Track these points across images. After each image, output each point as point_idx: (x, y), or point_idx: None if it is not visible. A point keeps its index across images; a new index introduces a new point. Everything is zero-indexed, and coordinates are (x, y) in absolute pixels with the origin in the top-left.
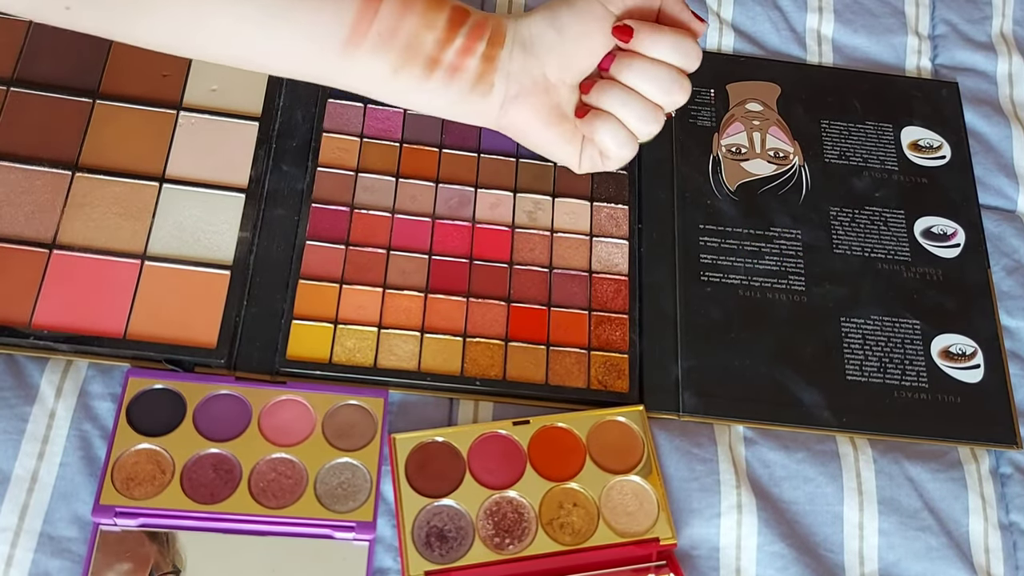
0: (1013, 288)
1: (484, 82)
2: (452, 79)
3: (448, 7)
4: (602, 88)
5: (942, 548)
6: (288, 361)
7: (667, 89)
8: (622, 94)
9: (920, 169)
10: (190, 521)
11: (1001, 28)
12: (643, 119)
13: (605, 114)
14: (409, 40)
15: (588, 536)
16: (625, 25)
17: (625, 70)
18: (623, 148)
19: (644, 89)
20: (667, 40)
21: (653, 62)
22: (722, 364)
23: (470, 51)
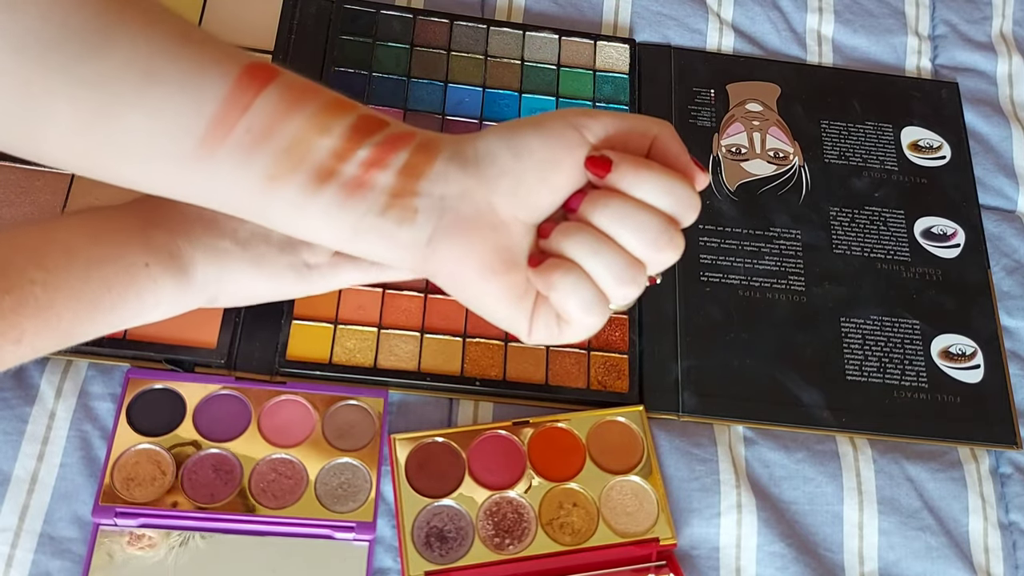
0: (1013, 288)
1: (401, 206)
2: (351, 197)
3: (355, 113)
4: (567, 231)
5: (942, 548)
6: (288, 361)
7: (652, 240)
8: (592, 241)
9: (920, 169)
10: (190, 521)
11: (1001, 28)
12: (618, 276)
13: (568, 264)
14: (290, 143)
15: (588, 536)
16: (602, 156)
17: (599, 210)
18: (588, 313)
19: (622, 238)
20: (656, 178)
21: (636, 204)
22: (722, 364)
23: (380, 164)
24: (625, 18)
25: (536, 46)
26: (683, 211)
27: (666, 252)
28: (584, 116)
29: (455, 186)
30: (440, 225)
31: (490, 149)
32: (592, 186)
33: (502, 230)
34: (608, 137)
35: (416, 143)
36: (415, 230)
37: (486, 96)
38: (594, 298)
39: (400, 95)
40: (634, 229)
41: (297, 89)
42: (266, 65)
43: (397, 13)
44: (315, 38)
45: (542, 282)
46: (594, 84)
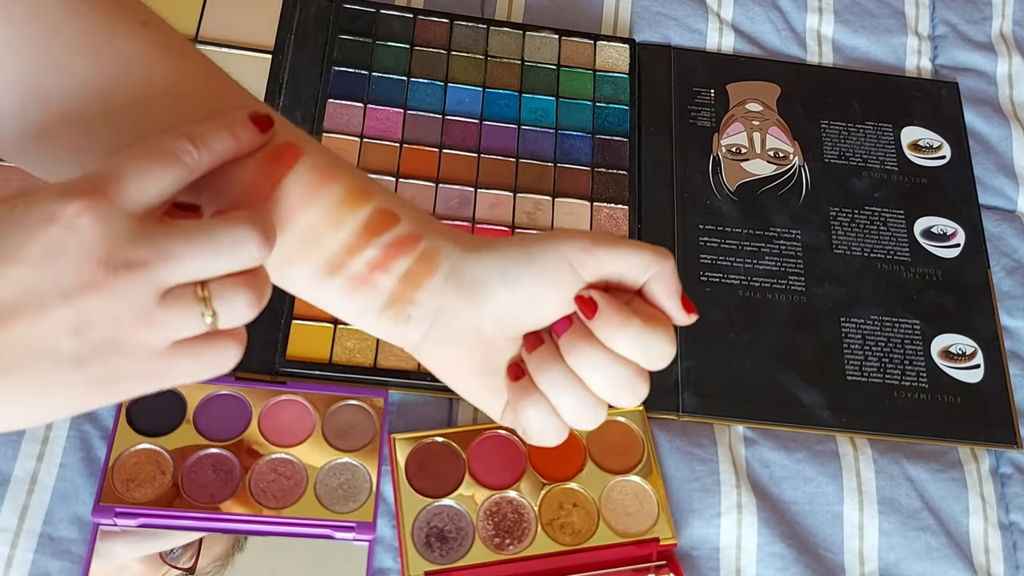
0: (1013, 288)
1: (398, 310)
2: (355, 292)
3: (371, 205)
4: (543, 363)
5: (942, 548)
6: (288, 361)
7: (617, 390)
8: (564, 379)
9: (920, 169)
10: (190, 521)
11: (1001, 28)
12: (579, 414)
13: (537, 394)
14: (305, 235)
15: (588, 536)
16: (591, 299)
17: (576, 355)
18: (547, 435)
19: (591, 381)
20: (633, 334)
21: (610, 355)
22: (722, 364)
23: (384, 267)
24: (625, 18)
25: (536, 46)
26: (654, 362)
27: (626, 400)
28: (583, 252)
29: (448, 304)
30: (429, 334)
31: (486, 276)
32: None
33: (486, 345)
34: (604, 276)
35: (420, 252)
36: (408, 331)
37: (486, 96)
38: (554, 425)
39: (400, 95)
40: (603, 378)
41: (318, 175)
42: (291, 147)
43: (397, 13)
44: (315, 38)
45: (514, 401)
46: (594, 84)
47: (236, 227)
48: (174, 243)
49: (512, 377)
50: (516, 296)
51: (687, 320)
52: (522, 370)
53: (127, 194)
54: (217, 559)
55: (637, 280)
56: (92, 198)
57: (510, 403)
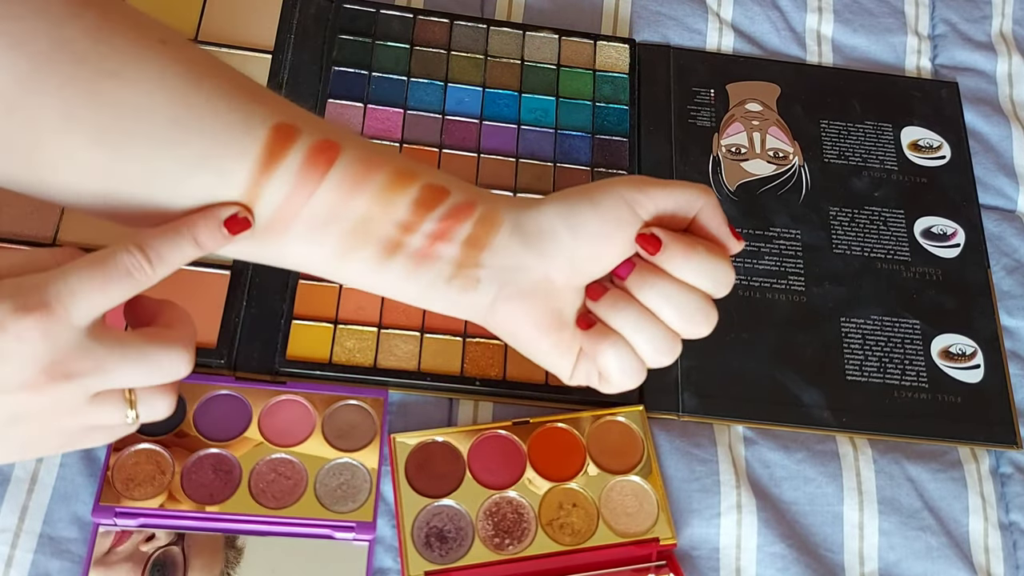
0: (1013, 288)
1: (465, 276)
2: (419, 267)
3: (418, 184)
4: (616, 304)
5: (942, 548)
6: (288, 361)
7: (691, 318)
8: (638, 316)
9: (920, 169)
10: (190, 521)
11: (1001, 28)
12: (658, 348)
13: (614, 335)
14: (356, 224)
15: (588, 536)
16: (653, 235)
17: (647, 289)
18: (629, 377)
19: (665, 314)
20: (700, 261)
21: (679, 284)
22: (722, 364)
23: (445, 236)
24: (625, 18)
25: (536, 46)
26: (720, 289)
27: (702, 327)
28: (637, 192)
29: (515, 259)
30: (500, 294)
31: (550, 224)
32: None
33: (555, 295)
34: (659, 215)
35: (479, 215)
36: (477, 296)
37: (486, 96)
38: (634, 365)
39: (400, 95)
40: (676, 308)
41: (361, 165)
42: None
43: (397, 13)
44: (315, 38)
45: (591, 347)
46: (594, 84)
47: (170, 350)
48: (111, 359)
49: (584, 326)
50: (582, 239)
51: (738, 247)
52: (592, 319)
53: (76, 311)
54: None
55: (688, 213)
56: (42, 314)
57: (585, 352)
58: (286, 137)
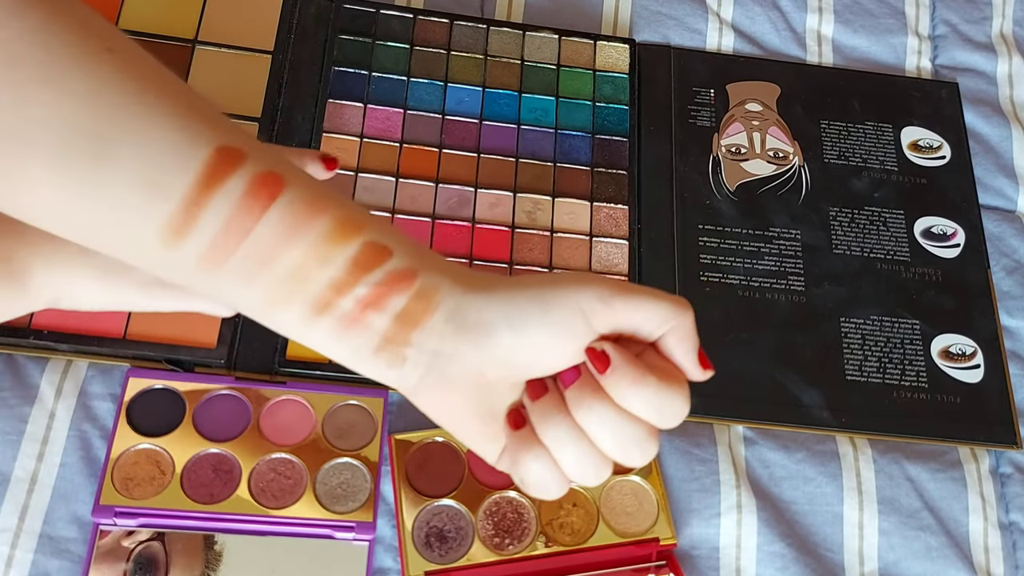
0: (1013, 288)
1: (392, 351)
2: (347, 332)
3: (360, 239)
4: (547, 415)
5: (942, 548)
6: (288, 361)
7: (625, 447)
8: (568, 434)
9: (920, 169)
10: (190, 521)
11: (1001, 28)
12: (584, 471)
13: (538, 446)
14: (289, 273)
15: (588, 536)
16: (603, 353)
17: (583, 409)
18: (546, 489)
19: (598, 437)
20: (648, 393)
21: (620, 412)
22: (722, 364)
23: (377, 305)
24: (625, 18)
25: (536, 46)
26: (667, 422)
27: (637, 459)
28: (599, 303)
29: (447, 346)
30: (427, 377)
31: (491, 319)
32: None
33: (486, 389)
34: (617, 328)
35: (417, 289)
36: (403, 375)
37: (486, 96)
38: (555, 481)
39: (400, 95)
40: (612, 435)
41: (304, 207)
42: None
43: (397, 13)
44: (315, 38)
45: (513, 452)
46: (594, 84)
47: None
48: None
49: (512, 425)
50: (523, 343)
51: (703, 377)
52: (523, 418)
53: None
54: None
55: (653, 333)
56: None
57: (508, 452)
58: (229, 161)
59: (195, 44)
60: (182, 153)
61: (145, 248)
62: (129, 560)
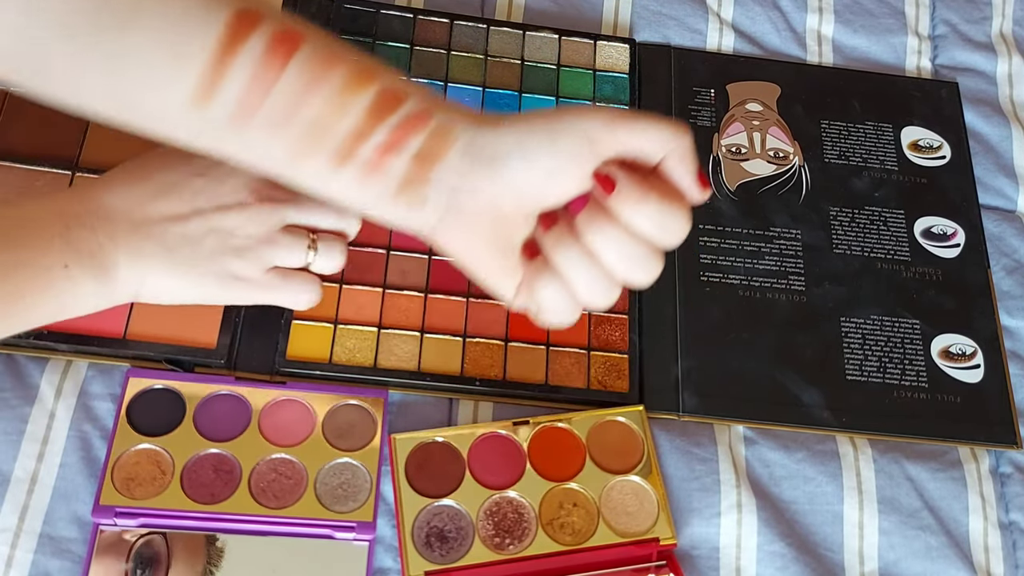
0: (1013, 288)
1: (412, 193)
2: (367, 179)
3: (374, 87)
4: (559, 242)
5: (942, 547)
6: (288, 361)
7: (631, 267)
8: (579, 256)
9: (920, 169)
10: (190, 521)
11: (1001, 28)
12: (594, 293)
13: (550, 275)
14: (311, 125)
15: (588, 536)
16: (608, 177)
17: (593, 234)
18: (561, 315)
19: (607, 258)
20: (651, 211)
21: (626, 232)
22: (722, 364)
23: (395, 149)
24: (625, 18)
25: (536, 46)
26: (670, 239)
27: (642, 277)
28: (603, 129)
29: (465, 180)
30: (446, 215)
31: (505, 150)
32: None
33: (502, 222)
34: (621, 154)
35: (432, 127)
36: (424, 215)
37: (486, 96)
38: (568, 305)
39: None
40: (619, 255)
41: (320, 60)
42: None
43: (397, 13)
44: None
45: (529, 280)
46: (594, 84)
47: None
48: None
49: (528, 256)
50: (534, 170)
51: (703, 197)
52: (537, 249)
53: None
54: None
55: (654, 156)
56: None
57: (525, 282)
58: (248, 22)
59: None
60: (203, 18)
61: (177, 113)
62: (130, 556)
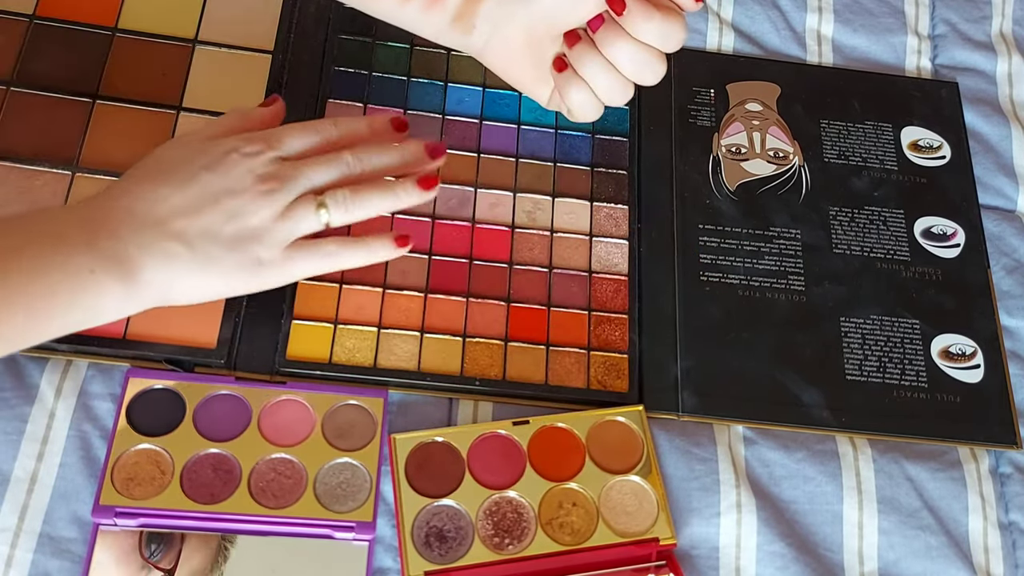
0: (1013, 288)
1: (464, 22)
2: (429, 11)
3: None
4: (582, 54)
5: (942, 547)
6: (288, 361)
7: (641, 70)
8: (599, 65)
9: (920, 169)
10: (190, 521)
11: (1001, 28)
12: (612, 92)
13: (578, 79)
14: None
15: (588, 536)
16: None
17: (609, 44)
18: (587, 111)
19: (621, 65)
20: (655, 24)
21: (636, 42)
22: (722, 364)
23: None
24: None
25: None
26: (670, 46)
27: (649, 77)
28: None
29: (505, 12)
30: (491, 39)
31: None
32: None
33: (536, 43)
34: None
35: None
36: (473, 39)
37: (486, 96)
38: (593, 103)
39: (400, 95)
40: (631, 61)
41: None
42: None
43: None
44: (315, 37)
45: (561, 87)
46: None
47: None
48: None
49: (557, 69)
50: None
51: (695, 7)
52: (565, 62)
53: (284, 146)
54: (195, 573)
55: None
56: (262, 143)
57: (556, 88)
58: None
59: (195, 44)
60: None
61: None
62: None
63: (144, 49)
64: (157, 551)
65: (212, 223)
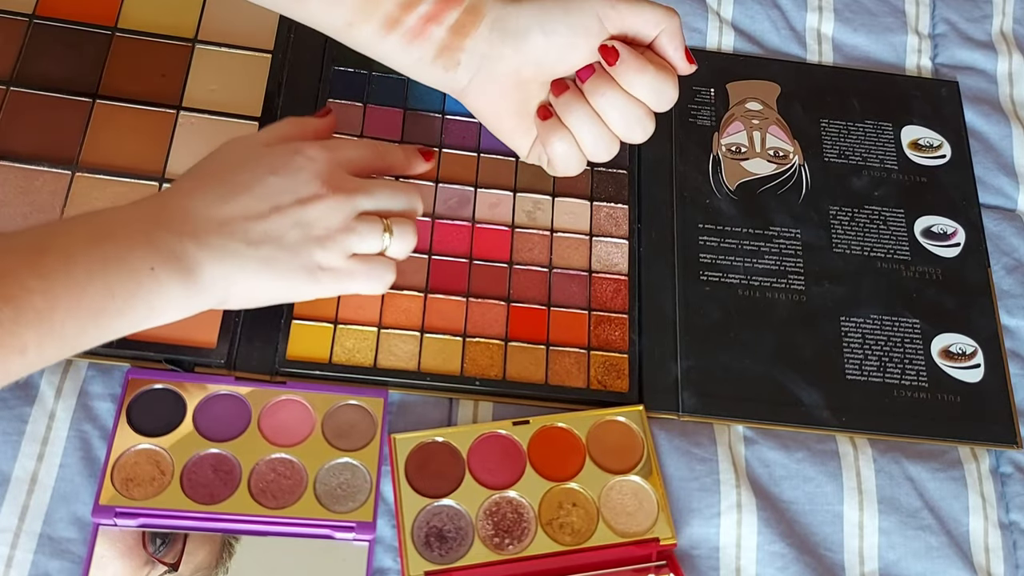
0: (1013, 287)
1: (448, 57)
2: (412, 43)
3: None
4: (569, 104)
5: (942, 547)
6: (288, 361)
7: (630, 125)
8: (586, 116)
9: (920, 168)
10: (190, 522)
11: (1001, 27)
12: (597, 146)
13: (563, 129)
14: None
15: (588, 536)
16: (613, 48)
17: (598, 95)
18: (569, 164)
19: (609, 118)
20: (648, 78)
21: (626, 96)
22: (722, 364)
23: (436, 19)
24: None
25: None
26: (662, 104)
27: (638, 134)
28: (609, 7)
29: (492, 49)
30: (475, 78)
31: (527, 24)
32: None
33: (522, 86)
34: (623, 30)
35: (467, 4)
36: (456, 77)
37: None
38: (576, 157)
39: (400, 94)
40: (620, 115)
41: None
42: None
43: None
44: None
45: (544, 136)
46: None
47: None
48: (372, 184)
49: (542, 117)
50: (552, 43)
51: (689, 69)
52: (550, 111)
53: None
54: (200, 569)
55: (650, 34)
56: (324, 150)
57: (539, 138)
58: None
59: (195, 44)
60: None
61: None
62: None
63: (144, 49)
64: (161, 546)
65: (278, 226)
